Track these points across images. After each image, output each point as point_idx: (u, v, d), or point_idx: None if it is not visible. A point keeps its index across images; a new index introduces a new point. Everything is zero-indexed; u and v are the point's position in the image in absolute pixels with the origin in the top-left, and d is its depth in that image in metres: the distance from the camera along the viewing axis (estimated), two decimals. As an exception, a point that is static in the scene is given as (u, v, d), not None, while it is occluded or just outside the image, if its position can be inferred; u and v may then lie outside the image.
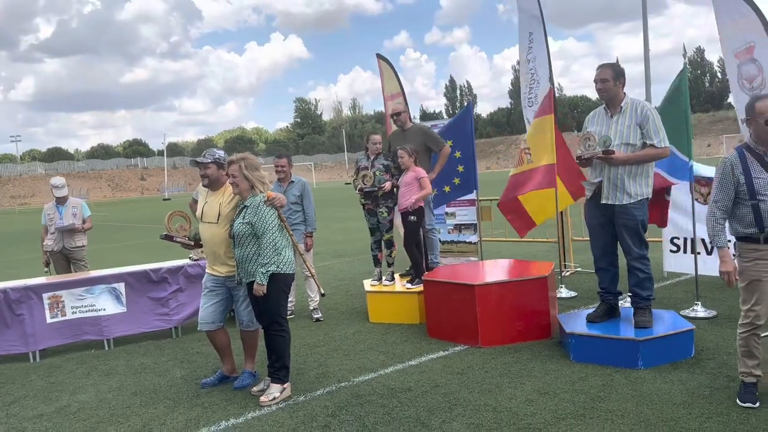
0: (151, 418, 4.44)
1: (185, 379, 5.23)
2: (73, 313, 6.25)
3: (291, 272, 4.70)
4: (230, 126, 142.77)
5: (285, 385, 4.66)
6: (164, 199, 57.65)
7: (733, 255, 3.98)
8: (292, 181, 6.92)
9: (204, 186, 5.01)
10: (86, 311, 6.28)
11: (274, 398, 4.54)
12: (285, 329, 4.71)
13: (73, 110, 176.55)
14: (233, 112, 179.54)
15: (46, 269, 7.58)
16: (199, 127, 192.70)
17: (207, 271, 4.99)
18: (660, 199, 6.39)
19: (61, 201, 7.54)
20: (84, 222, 7.62)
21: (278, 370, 4.66)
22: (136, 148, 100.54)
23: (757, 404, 3.84)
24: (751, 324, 3.91)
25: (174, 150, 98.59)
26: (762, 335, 4.83)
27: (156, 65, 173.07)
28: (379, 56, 9.80)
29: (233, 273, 4.84)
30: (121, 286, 6.43)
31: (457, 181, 7.62)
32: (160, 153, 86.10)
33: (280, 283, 4.62)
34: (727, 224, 3.98)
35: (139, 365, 5.74)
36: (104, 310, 6.35)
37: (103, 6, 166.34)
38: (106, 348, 6.36)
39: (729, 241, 3.94)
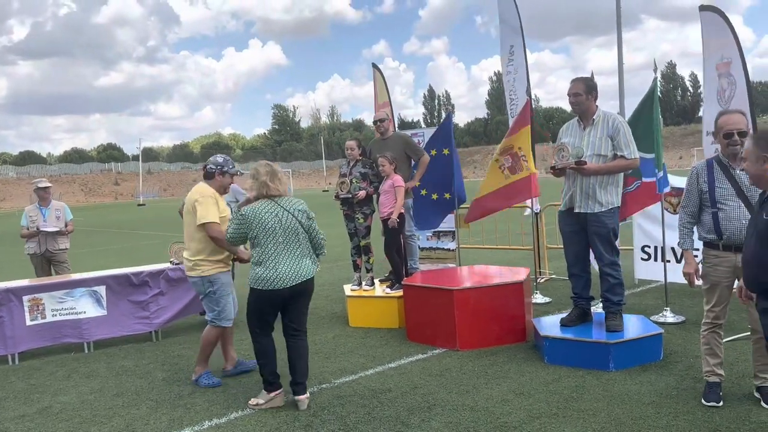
0: (134, 418, 4.49)
1: (167, 381, 5.28)
2: (53, 315, 6.25)
3: (261, 288, 4.42)
4: (207, 131, 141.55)
5: (270, 394, 4.54)
6: (139, 205, 56.91)
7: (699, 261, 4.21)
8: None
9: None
10: (66, 314, 6.29)
11: (257, 404, 4.54)
12: (254, 339, 4.61)
13: (46, 113, 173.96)
14: (210, 117, 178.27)
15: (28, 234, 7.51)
16: (174, 132, 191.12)
17: (229, 270, 5.26)
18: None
19: (44, 202, 7.52)
20: (66, 225, 7.63)
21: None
22: (110, 153, 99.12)
23: (721, 403, 4.05)
24: (711, 323, 4.17)
25: (149, 155, 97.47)
26: (725, 339, 5.06)
27: (132, 69, 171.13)
28: (375, 66, 10.26)
29: None
30: (101, 289, 6.45)
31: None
32: (135, 158, 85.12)
33: (251, 296, 4.51)
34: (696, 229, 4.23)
35: (120, 368, 5.76)
36: (84, 313, 6.35)
37: (79, 9, 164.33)
38: (86, 351, 6.36)
39: (697, 249, 4.17)
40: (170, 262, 6.91)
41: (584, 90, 5.14)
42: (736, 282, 4.09)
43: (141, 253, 15.72)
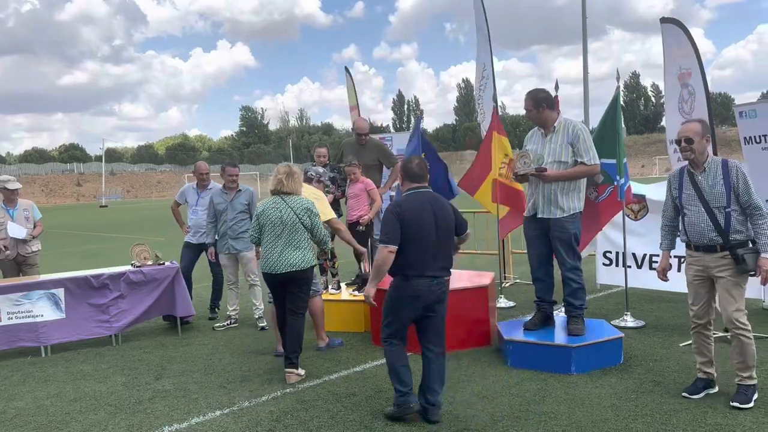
0: (92, 423, 4.39)
1: (126, 386, 5.17)
2: (9, 318, 6.07)
3: (261, 271, 5.24)
4: (172, 132, 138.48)
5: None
6: (101, 206, 55.80)
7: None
8: (240, 190, 6.95)
9: None
10: (23, 317, 6.12)
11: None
12: None
13: (6, 112, 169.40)
14: (176, 118, 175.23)
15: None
16: (139, 133, 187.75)
17: None
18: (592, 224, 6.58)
19: (11, 203, 7.19)
20: (35, 225, 7.33)
21: None
22: (72, 153, 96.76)
23: (696, 396, 4.30)
24: (693, 322, 4.36)
25: (112, 156, 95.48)
26: (683, 344, 5.20)
27: (97, 68, 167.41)
28: (347, 69, 10.47)
29: None
30: (60, 292, 6.29)
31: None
32: (98, 158, 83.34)
33: None
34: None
35: (79, 372, 5.63)
36: (42, 316, 6.19)
37: (42, 5, 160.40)
38: (43, 355, 6.20)
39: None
40: (132, 264, 6.79)
41: (532, 105, 5.27)
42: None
43: (103, 255, 15.41)
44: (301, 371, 5.15)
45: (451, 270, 4.28)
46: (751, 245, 4.08)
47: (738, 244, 4.07)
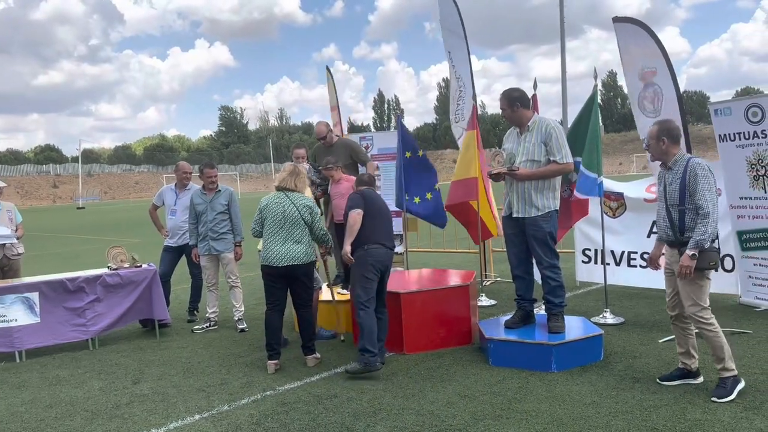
0: (68, 430, 4.30)
1: (104, 391, 5.08)
2: (-19, 324, 5.94)
3: (261, 263, 5.34)
4: (150, 133, 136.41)
5: (268, 361, 5.38)
6: (78, 208, 55.02)
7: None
8: (219, 190, 6.88)
9: None
10: (-4, 322, 5.99)
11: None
12: (266, 311, 5.45)
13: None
14: (154, 118, 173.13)
15: None
16: (117, 134, 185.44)
17: None
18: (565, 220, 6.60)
19: None
20: (17, 228, 7.14)
21: None
22: (48, 154, 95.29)
23: (669, 383, 4.45)
24: (669, 313, 4.52)
25: (89, 157, 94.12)
26: (662, 339, 5.26)
27: (73, 68, 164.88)
28: (328, 69, 10.51)
29: None
30: (34, 296, 6.17)
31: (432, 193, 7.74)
32: (75, 160, 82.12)
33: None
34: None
35: (54, 377, 5.52)
36: (16, 320, 6.06)
37: (17, 5, 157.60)
38: (18, 360, 6.07)
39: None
40: (108, 267, 6.68)
41: (506, 105, 5.30)
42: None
43: (79, 257, 15.19)
44: (318, 354, 5.50)
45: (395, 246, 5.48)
46: None
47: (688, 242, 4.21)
